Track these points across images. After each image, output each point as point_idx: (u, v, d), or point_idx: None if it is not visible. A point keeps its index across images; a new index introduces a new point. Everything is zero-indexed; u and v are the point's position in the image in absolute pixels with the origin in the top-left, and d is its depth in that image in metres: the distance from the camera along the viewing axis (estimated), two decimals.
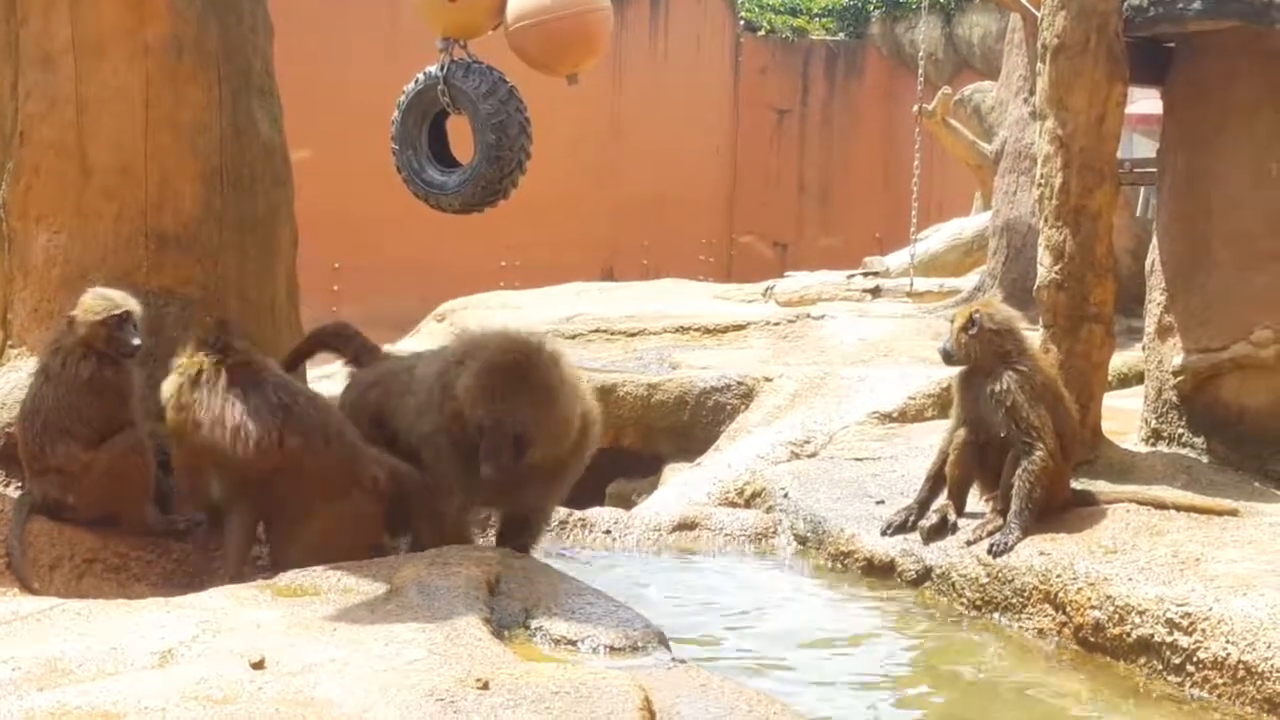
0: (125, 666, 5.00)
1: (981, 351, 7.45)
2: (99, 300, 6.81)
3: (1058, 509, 7.38)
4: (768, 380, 11.29)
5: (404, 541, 7.17)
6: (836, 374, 11.25)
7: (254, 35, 7.97)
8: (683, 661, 5.66)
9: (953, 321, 7.59)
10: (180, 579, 6.69)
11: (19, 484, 7.00)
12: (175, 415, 6.63)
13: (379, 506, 6.82)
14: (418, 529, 7.07)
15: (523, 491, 6.96)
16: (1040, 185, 8.33)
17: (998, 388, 7.42)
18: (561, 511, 8.23)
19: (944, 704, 6.38)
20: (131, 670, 4.97)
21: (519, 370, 6.38)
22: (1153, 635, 6.34)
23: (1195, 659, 6.16)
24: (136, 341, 6.83)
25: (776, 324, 13.89)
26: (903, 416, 10.18)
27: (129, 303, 6.85)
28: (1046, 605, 6.87)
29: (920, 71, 17.76)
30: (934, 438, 8.20)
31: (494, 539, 7.36)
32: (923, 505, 7.74)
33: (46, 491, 6.81)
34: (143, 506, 6.96)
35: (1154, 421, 8.82)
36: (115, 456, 6.82)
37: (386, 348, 8.13)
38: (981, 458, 7.58)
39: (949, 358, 7.61)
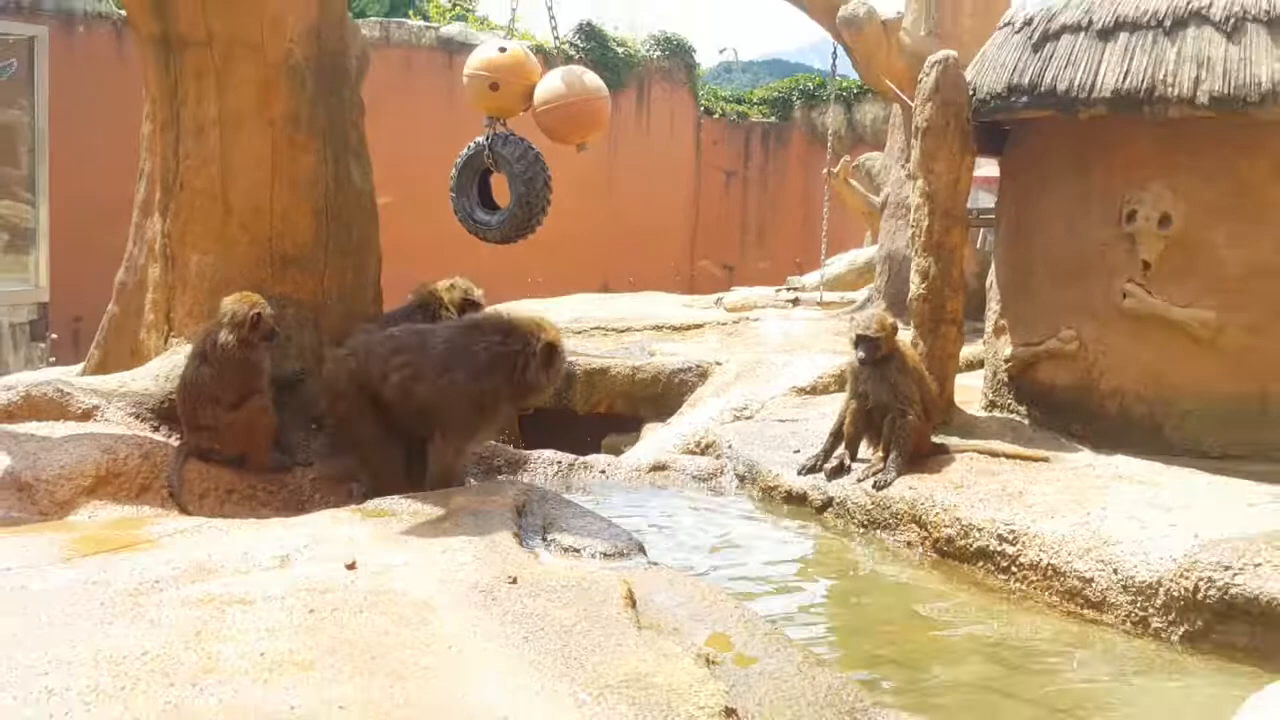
0: (254, 567, 5.02)
1: (888, 347, 7.50)
2: (247, 300, 6.84)
3: (922, 457, 7.41)
4: (718, 364, 11.27)
5: None
6: (767, 360, 11.24)
7: (351, 112, 7.96)
8: (656, 564, 5.67)
9: (860, 340, 7.45)
10: (295, 505, 6.70)
11: (178, 435, 7.01)
12: None
13: None
14: None
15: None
16: (913, 227, 8.36)
17: (886, 370, 7.47)
18: (570, 456, 8.24)
19: (840, 591, 6.41)
20: (258, 570, 4.98)
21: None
22: (988, 546, 6.39)
23: (1018, 563, 6.22)
24: (277, 330, 6.90)
25: (725, 324, 13.87)
26: (813, 390, 10.17)
27: (266, 304, 6.90)
28: (914, 524, 6.89)
29: (829, 145, 17.72)
30: (835, 405, 8.20)
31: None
32: (827, 453, 7.73)
33: (199, 442, 6.81)
34: (266, 451, 6.97)
35: (991, 395, 8.84)
36: (249, 415, 6.83)
37: None
38: (869, 420, 7.60)
39: (870, 359, 7.46)
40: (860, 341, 7.46)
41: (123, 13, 15.71)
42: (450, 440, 6.66)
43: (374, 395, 6.66)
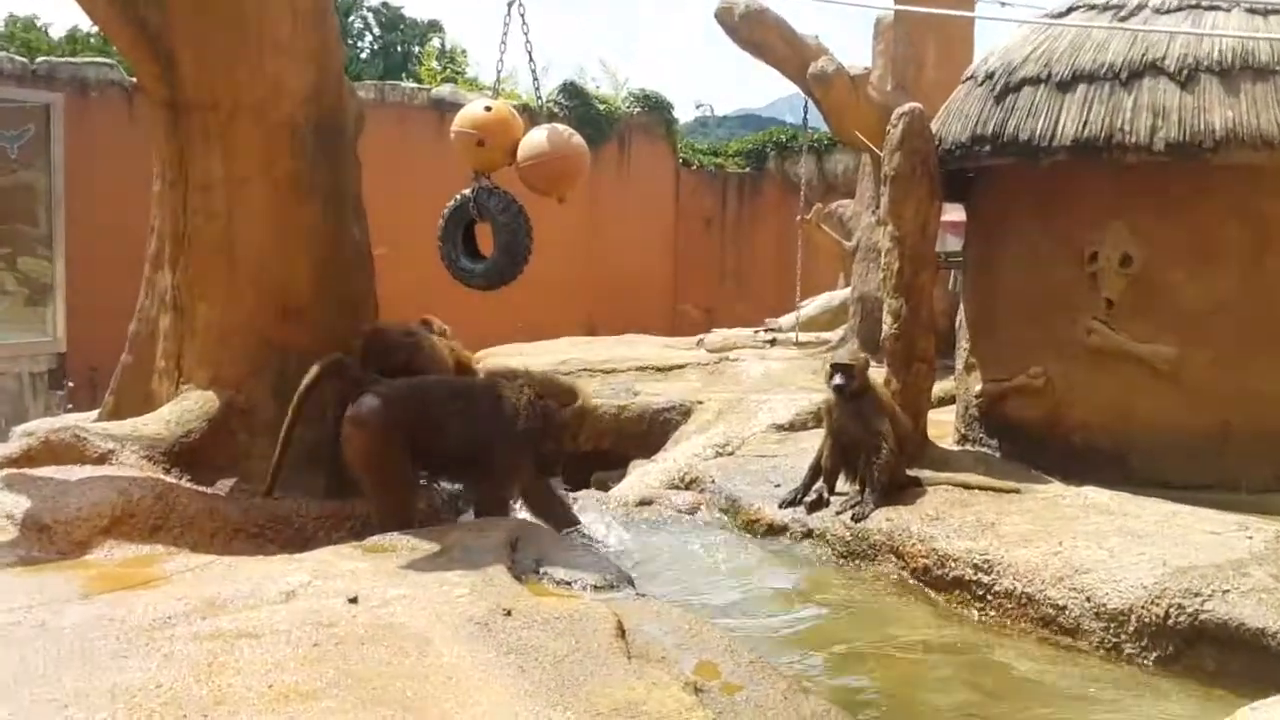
0: (261, 602, 4.99)
1: (862, 381, 7.51)
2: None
3: (898, 489, 7.40)
4: (700, 403, 11.27)
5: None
6: (747, 398, 11.24)
7: (348, 170, 7.96)
8: (644, 595, 5.66)
9: (836, 367, 7.56)
10: (298, 542, 6.64)
11: (189, 477, 6.98)
12: None
13: None
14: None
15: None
16: (883, 270, 8.37)
17: (860, 406, 7.48)
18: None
19: (822, 619, 6.39)
20: (265, 605, 4.96)
21: None
22: (964, 575, 6.38)
23: (992, 591, 6.21)
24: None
25: (706, 364, 13.84)
26: (792, 427, 10.15)
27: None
28: (891, 555, 6.89)
29: (801, 193, 17.76)
30: (813, 441, 8.19)
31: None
32: (806, 487, 7.73)
33: None
34: None
35: (963, 429, 8.85)
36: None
37: None
38: (845, 455, 7.60)
39: (844, 390, 7.52)
40: (836, 370, 7.50)
41: (133, 79, 15.78)
42: (499, 477, 6.75)
43: (411, 436, 6.56)
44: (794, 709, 4.32)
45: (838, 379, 7.49)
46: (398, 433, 6.52)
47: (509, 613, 4.81)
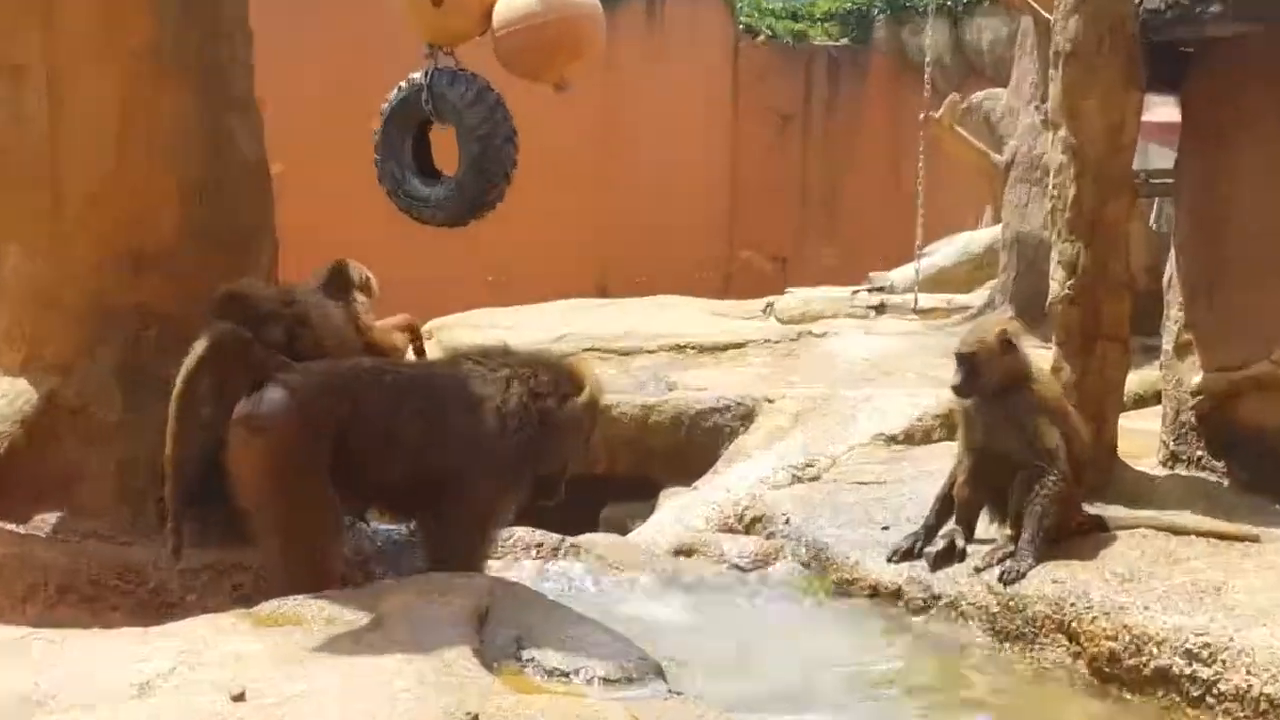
0: (101, 698, 5.03)
1: (1004, 373, 7.51)
2: None
3: (1070, 534, 7.41)
4: (768, 401, 11.28)
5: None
6: (840, 394, 11.24)
7: (233, 45, 7.97)
8: (679, 693, 5.68)
9: (968, 348, 7.56)
10: (157, 608, 6.69)
11: None
12: None
13: None
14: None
15: None
16: (1053, 197, 8.35)
17: (1012, 409, 7.47)
18: (554, 537, 8.25)
19: None
20: (107, 702, 5.00)
21: None
22: (1171, 666, 6.36)
23: (1216, 691, 6.19)
24: None
25: (777, 342, 13.85)
26: (909, 438, 10.16)
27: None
28: (1060, 635, 6.89)
29: (927, 78, 17.73)
30: (942, 461, 8.21)
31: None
32: (930, 531, 7.75)
33: None
34: None
35: (1172, 443, 8.83)
36: None
37: None
38: (990, 483, 7.60)
39: (965, 391, 7.57)
40: (957, 363, 7.48)
41: None
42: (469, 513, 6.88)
43: (336, 449, 6.62)
44: None
45: (956, 375, 7.48)
46: (315, 444, 6.55)
47: (475, 717, 4.86)
